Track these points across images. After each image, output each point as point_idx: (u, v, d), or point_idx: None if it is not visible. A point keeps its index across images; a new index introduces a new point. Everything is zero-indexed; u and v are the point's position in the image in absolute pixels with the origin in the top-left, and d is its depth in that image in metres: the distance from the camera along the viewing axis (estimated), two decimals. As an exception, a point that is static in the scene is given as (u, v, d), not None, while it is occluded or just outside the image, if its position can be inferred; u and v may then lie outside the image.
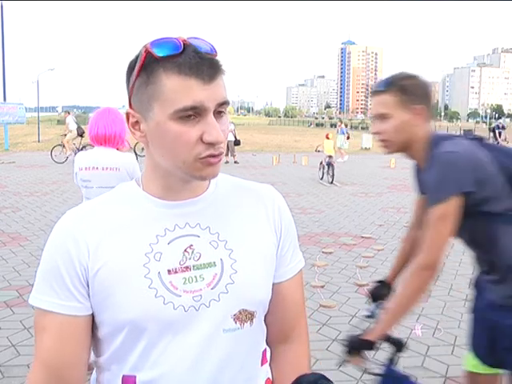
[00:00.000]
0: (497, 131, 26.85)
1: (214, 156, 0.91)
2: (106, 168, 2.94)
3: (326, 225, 8.19)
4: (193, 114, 0.88)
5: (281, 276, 1.08)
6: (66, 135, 17.55)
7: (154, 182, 0.99)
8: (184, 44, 0.88)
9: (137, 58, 0.91)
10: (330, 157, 13.59)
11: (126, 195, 1.01)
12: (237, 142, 17.79)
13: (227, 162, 17.17)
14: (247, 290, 1.00)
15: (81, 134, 17.16)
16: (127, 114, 0.95)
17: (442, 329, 4.18)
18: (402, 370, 2.04)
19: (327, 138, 14.18)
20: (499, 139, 25.08)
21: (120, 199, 1.01)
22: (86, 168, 2.99)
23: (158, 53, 0.87)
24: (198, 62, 0.87)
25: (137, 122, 0.95)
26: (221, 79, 0.90)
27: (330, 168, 13.37)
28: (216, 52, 0.92)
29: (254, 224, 1.05)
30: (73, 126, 17.37)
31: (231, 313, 0.98)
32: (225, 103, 0.91)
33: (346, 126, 19.93)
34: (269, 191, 1.11)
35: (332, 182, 13.16)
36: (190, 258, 0.97)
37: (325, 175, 13.72)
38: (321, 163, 14.05)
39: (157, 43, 0.88)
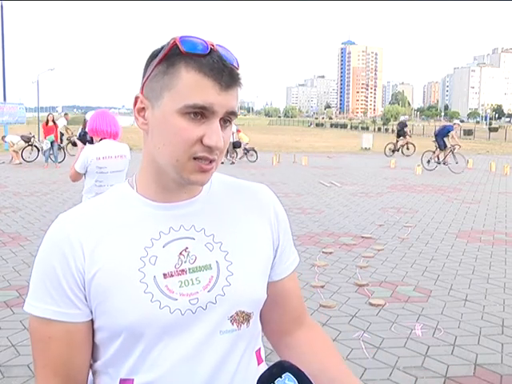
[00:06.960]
0: None
1: (207, 161, 0.91)
2: (117, 156, 3.95)
3: (326, 225, 8.18)
4: (200, 113, 0.89)
5: (281, 273, 1.10)
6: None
7: (147, 183, 0.99)
8: (211, 48, 0.91)
9: (162, 48, 0.93)
10: (247, 144, 18.43)
11: (120, 198, 1.01)
12: (236, 144, 17.81)
13: (233, 163, 17.26)
14: (244, 291, 1.00)
15: None
16: (136, 98, 0.96)
17: (442, 329, 4.16)
18: None
19: (238, 131, 18.34)
20: None
21: (113, 202, 1.00)
22: (103, 157, 3.87)
23: (185, 47, 0.89)
24: (220, 66, 0.89)
25: (143, 109, 0.95)
26: (236, 90, 0.92)
27: (250, 151, 18.27)
28: (239, 66, 0.94)
29: (249, 224, 1.05)
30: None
31: (228, 314, 0.98)
32: (233, 113, 0.92)
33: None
34: (263, 190, 1.11)
35: (255, 161, 17.82)
36: (185, 261, 0.96)
37: (245, 157, 18.28)
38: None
39: (186, 39, 0.90)
